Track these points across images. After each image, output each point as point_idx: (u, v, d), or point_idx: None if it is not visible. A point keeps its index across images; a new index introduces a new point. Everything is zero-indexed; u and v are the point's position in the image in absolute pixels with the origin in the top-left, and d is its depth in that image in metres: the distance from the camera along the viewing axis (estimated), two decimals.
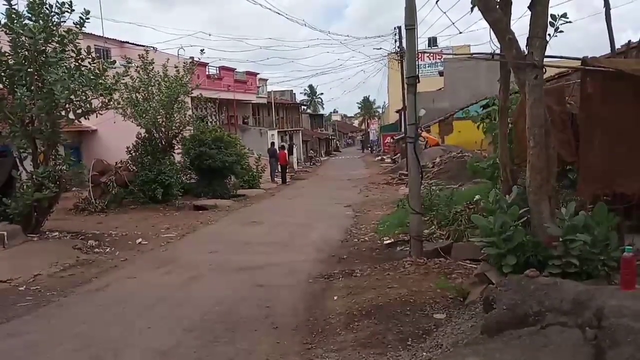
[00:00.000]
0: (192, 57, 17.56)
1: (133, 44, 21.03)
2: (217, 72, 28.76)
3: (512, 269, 3.99)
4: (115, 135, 17.20)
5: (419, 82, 7.28)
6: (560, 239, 3.94)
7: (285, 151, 25.05)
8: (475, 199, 7.68)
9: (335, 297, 5.54)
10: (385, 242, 8.14)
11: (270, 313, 5.21)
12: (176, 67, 15.67)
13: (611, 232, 4.04)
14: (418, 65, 7.77)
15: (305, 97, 75.41)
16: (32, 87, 9.41)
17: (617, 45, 6.47)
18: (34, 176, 9.60)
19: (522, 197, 4.67)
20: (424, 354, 3.66)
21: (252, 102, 33.83)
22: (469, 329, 3.71)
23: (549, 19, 4.64)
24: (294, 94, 51.71)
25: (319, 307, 5.32)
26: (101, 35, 17.86)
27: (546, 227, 4.11)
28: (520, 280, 3.30)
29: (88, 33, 12.75)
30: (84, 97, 9.98)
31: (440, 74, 31.57)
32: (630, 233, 4.64)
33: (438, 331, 4.05)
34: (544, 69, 4.67)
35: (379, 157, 39.24)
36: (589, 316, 2.69)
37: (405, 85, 7.44)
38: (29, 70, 9.41)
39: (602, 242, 3.95)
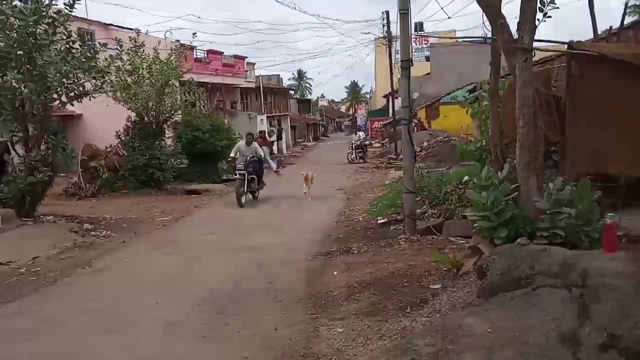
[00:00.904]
0: (178, 40, 17.47)
1: (118, 26, 20.74)
2: (205, 55, 28.53)
3: (503, 240, 4.27)
4: (100, 119, 17.09)
5: (412, 65, 7.49)
6: (548, 212, 4.23)
7: (267, 136, 25.41)
8: (464, 180, 8.00)
9: (334, 273, 5.78)
10: (379, 221, 8.41)
11: (273, 288, 5.44)
12: (169, 52, 15.61)
13: (594, 206, 4.34)
14: (412, 49, 7.94)
15: (294, 82, 74.99)
16: (23, 70, 9.35)
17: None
18: (26, 160, 9.59)
19: (510, 175, 4.96)
20: (423, 319, 3.93)
21: (241, 86, 33.66)
22: (464, 295, 4.00)
23: (538, 4, 4.87)
24: (281, 78, 51.53)
25: (319, 281, 5.55)
26: (85, 17, 17.61)
27: (534, 201, 4.39)
28: (512, 248, 3.58)
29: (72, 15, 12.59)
30: (76, 80, 9.97)
31: (427, 59, 31.79)
32: (611, 210, 4.97)
33: (435, 299, 4.33)
34: (533, 52, 4.92)
35: (368, 142, 39.52)
36: (575, 277, 2.98)
37: (399, 69, 7.64)
38: (19, 52, 9.33)
39: (586, 215, 4.25)
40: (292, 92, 56.19)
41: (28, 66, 9.36)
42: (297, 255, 6.88)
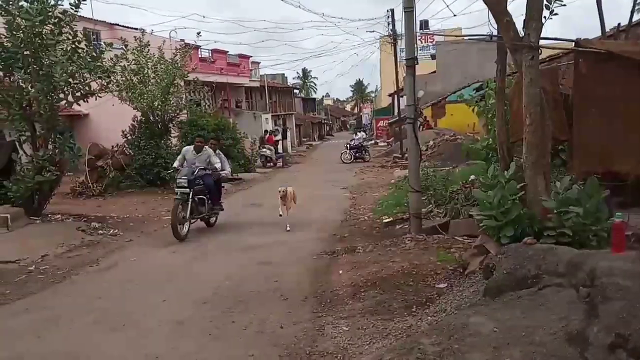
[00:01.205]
0: (183, 40, 17.51)
1: (123, 26, 20.82)
2: (210, 54, 28.58)
3: (509, 240, 4.23)
4: (106, 119, 17.20)
5: (417, 63, 7.47)
6: (555, 211, 4.20)
7: (272, 135, 25.49)
8: (470, 179, 7.97)
9: (340, 272, 5.79)
10: (385, 221, 8.39)
11: (278, 287, 5.44)
12: (174, 51, 15.65)
13: (602, 205, 4.30)
14: (416, 47, 7.91)
15: (298, 81, 74.94)
16: (29, 70, 9.42)
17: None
18: (34, 160, 9.67)
19: (517, 174, 4.93)
20: (429, 318, 3.93)
21: (245, 85, 33.68)
22: (470, 294, 3.99)
23: (545, 1, 4.84)
24: (286, 77, 51.52)
25: (325, 280, 5.55)
26: (91, 17, 17.70)
27: (541, 200, 4.36)
28: (519, 247, 3.56)
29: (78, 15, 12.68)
30: (82, 80, 10.02)
31: (433, 57, 31.67)
32: (619, 208, 4.93)
33: (440, 299, 4.32)
34: (539, 50, 4.88)
35: (372, 141, 39.45)
36: (583, 277, 2.96)
37: (404, 67, 7.62)
38: (25, 53, 9.40)
39: (594, 214, 4.21)
40: (296, 91, 56.13)
41: (35, 66, 9.43)
42: (303, 254, 6.88)
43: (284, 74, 50.15)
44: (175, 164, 9.13)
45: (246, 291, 5.36)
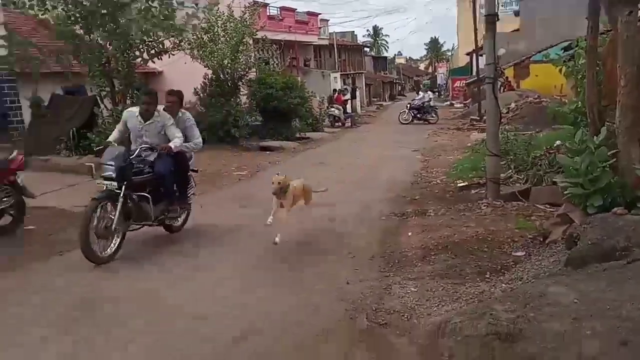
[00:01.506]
0: None
1: None
2: (278, 12, 28.42)
3: (597, 209, 3.95)
4: (179, 77, 17.75)
5: (498, 19, 6.99)
6: None
7: (341, 95, 25.17)
8: (555, 144, 7.45)
9: (409, 234, 5.72)
10: (459, 185, 8.11)
11: (346, 243, 5.52)
12: (243, 10, 15.72)
13: None
14: (498, 3, 7.33)
15: (369, 39, 72.73)
16: (107, 28, 9.94)
17: None
18: (114, 113, 10.40)
19: (608, 139, 4.52)
20: (504, 285, 3.81)
21: (314, 43, 33.32)
22: (550, 264, 3.81)
23: None
24: (356, 35, 50.14)
25: (393, 241, 5.52)
26: None
27: (635, 169, 4.00)
28: (607, 217, 3.33)
29: None
30: (156, 38, 10.44)
31: (516, 14, 29.25)
32: None
33: (517, 267, 4.15)
34: (639, 5, 4.34)
35: (448, 102, 37.80)
36: None
37: (484, 24, 7.12)
38: (103, 12, 9.88)
39: None
40: (367, 49, 54.52)
41: (112, 25, 9.93)
42: (371, 213, 6.88)
43: (353, 31, 48.89)
44: (112, 137, 5.67)
45: (316, 246, 5.52)
